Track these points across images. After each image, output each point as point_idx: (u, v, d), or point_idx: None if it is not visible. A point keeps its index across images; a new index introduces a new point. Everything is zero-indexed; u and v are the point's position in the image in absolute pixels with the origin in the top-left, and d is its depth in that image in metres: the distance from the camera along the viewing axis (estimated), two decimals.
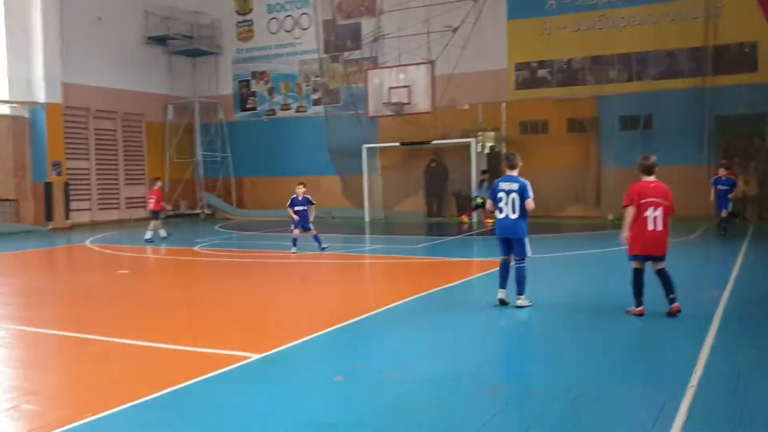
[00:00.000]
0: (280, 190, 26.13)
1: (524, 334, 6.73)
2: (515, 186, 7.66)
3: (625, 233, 7.22)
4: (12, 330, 7.48)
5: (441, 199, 23.29)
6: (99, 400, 4.92)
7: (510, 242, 7.78)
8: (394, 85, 21.11)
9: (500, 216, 7.73)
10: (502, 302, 7.78)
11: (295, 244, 13.85)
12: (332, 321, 7.22)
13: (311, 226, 14.16)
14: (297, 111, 26.03)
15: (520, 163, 7.89)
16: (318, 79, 25.38)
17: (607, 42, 20.65)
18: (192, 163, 26.99)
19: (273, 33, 26.23)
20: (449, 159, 23.05)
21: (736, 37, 19.39)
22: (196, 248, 15.40)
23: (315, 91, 25.60)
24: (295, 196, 14.11)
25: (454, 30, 21.83)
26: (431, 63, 21.07)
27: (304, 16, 25.49)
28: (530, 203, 7.66)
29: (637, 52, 20.57)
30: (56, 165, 21.48)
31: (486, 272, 11.42)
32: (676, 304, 7.07)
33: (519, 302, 7.69)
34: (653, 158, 7.38)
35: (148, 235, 16.89)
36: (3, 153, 20.82)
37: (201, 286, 10.91)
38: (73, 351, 6.61)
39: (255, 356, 5.95)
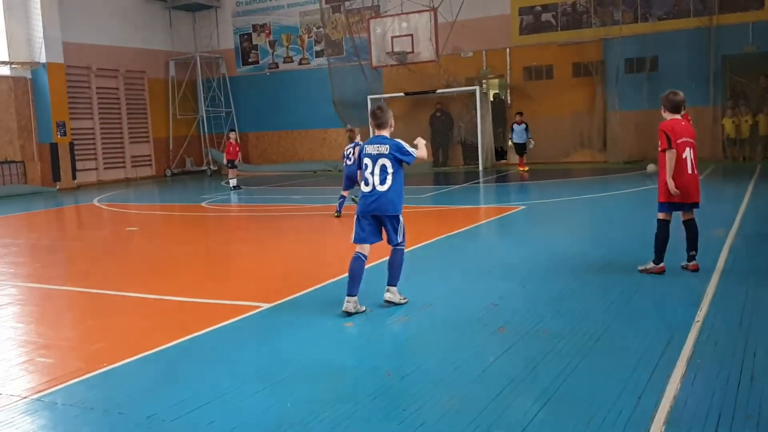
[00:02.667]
0: (285, 144, 26.12)
1: (529, 277, 6.77)
2: (384, 149, 5.80)
3: (671, 182, 6.25)
4: (22, 287, 7.58)
5: (446, 149, 23.19)
6: (112, 351, 5.01)
7: (380, 221, 5.85)
8: (397, 34, 20.82)
9: (366, 189, 5.82)
10: (349, 314, 5.62)
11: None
12: (341, 270, 7.27)
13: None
14: (300, 63, 25.77)
15: (391, 121, 6.03)
16: (320, 30, 25.04)
17: None
18: (196, 119, 26.89)
19: None
20: (454, 107, 22.88)
21: None
22: (203, 204, 15.46)
23: (317, 42, 25.29)
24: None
25: None
26: (434, 10, 20.71)
27: None
28: (421, 150, 5.98)
29: None
30: (60, 125, 21.45)
31: (492, 218, 11.48)
32: (695, 262, 6.49)
33: (388, 296, 5.89)
34: (682, 94, 6.51)
35: (233, 182, 18.21)
36: (6, 115, 20.78)
37: (209, 240, 11.00)
38: (85, 306, 6.72)
39: (266, 305, 6.03)
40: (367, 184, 5.84)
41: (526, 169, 19.25)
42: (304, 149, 25.82)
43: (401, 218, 5.95)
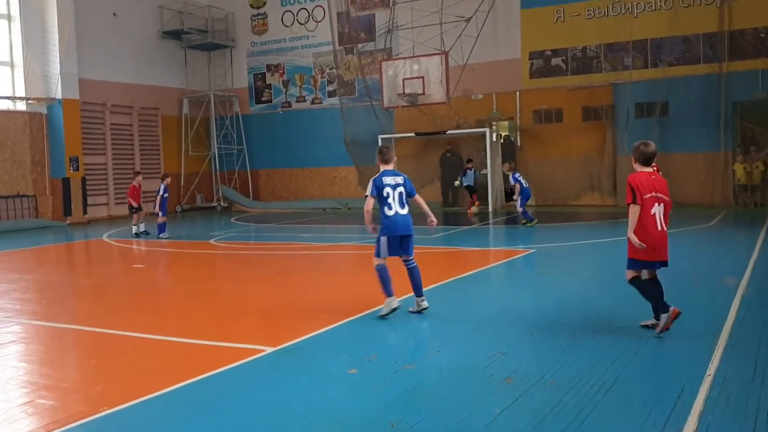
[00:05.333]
0: (295, 182, 26.26)
1: (536, 325, 6.69)
2: (400, 180, 7.16)
3: (634, 237, 5.94)
4: (27, 324, 7.56)
5: (456, 189, 23.20)
6: (114, 394, 4.96)
7: (403, 240, 7.15)
8: (409, 76, 21.05)
9: (390, 213, 7.04)
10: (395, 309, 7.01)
11: None
12: (347, 313, 7.24)
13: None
14: (312, 103, 26.04)
15: (395, 157, 7.41)
16: (333, 70, 25.36)
17: (622, 29, 20.44)
18: (208, 156, 27.11)
19: (287, 26, 26.23)
20: (464, 149, 22.97)
21: (751, 23, 19.14)
22: (212, 241, 15.48)
23: (330, 82, 25.59)
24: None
25: (468, 20, 21.69)
26: (445, 54, 20.97)
27: (318, 8, 25.45)
28: (419, 198, 7.37)
29: (652, 38, 20.35)
30: (74, 160, 21.66)
31: (502, 261, 11.41)
32: (669, 315, 6.04)
33: (425, 303, 7.16)
34: (653, 145, 6.20)
35: (140, 228, 16.83)
36: (20, 149, 21.01)
37: (216, 279, 10.97)
38: (89, 345, 6.68)
39: (270, 349, 5.97)
40: (390, 208, 7.01)
41: (478, 204, 19.86)
42: (314, 187, 25.94)
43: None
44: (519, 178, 16.49)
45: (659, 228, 6.01)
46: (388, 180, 7.10)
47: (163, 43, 25.80)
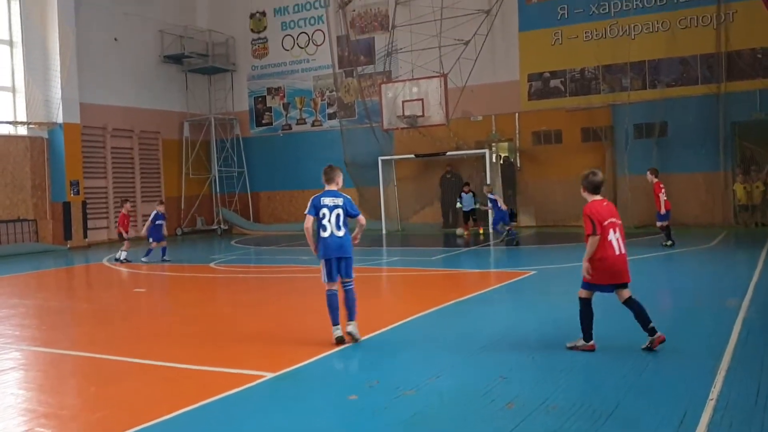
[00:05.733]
0: (296, 204, 26.26)
1: (538, 348, 6.66)
2: (340, 201, 6.97)
3: (587, 265, 6.28)
4: (26, 351, 7.53)
5: (456, 210, 23.20)
6: (113, 421, 4.93)
7: (340, 262, 6.95)
8: (408, 98, 21.16)
9: (324, 234, 6.88)
10: (342, 340, 6.85)
11: None
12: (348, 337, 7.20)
13: None
14: (312, 125, 26.15)
15: (339, 179, 7.14)
16: (333, 93, 25.51)
17: (620, 50, 20.57)
18: (208, 179, 27.17)
19: (287, 50, 26.43)
20: (464, 170, 23.02)
21: (748, 43, 19.27)
22: (212, 264, 15.46)
23: (330, 105, 25.72)
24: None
25: (466, 43, 21.88)
26: (444, 76, 21.11)
27: (318, 32, 25.66)
28: (362, 218, 7.16)
29: (650, 59, 20.49)
30: (74, 184, 21.71)
31: (503, 283, 11.38)
32: (658, 334, 6.21)
33: (351, 328, 6.96)
34: (601, 174, 6.49)
35: (124, 255, 16.48)
36: (21, 173, 21.06)
37: (216, 303, 10.95)
38: (89, 371, 6.65)
39: (270, 375, 5.94)
40: (325, 230, 6.86)
41: (467, 229, 19.65)
42: None
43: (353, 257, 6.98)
44: (495, 200, 17.37)
45: (618, 252, 6.24)
46: (326, 200, 6.96)
47: (164, 67, 25.98)
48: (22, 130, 21.23)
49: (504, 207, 17.49)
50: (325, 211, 6.89)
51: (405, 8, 23.31)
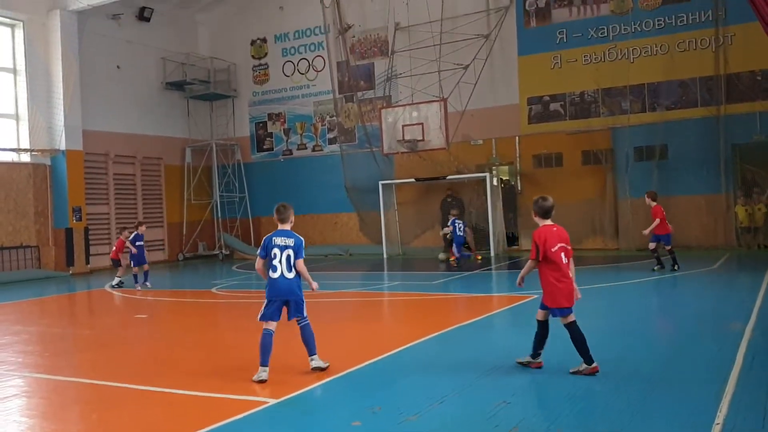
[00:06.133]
0: (297, 228, 26.06)
1: (541, 372, 6.63)
2: (290, 242, 6.81)
3: (520, 279, 6.58)
4: (29, 378, 7.50)
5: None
6: None
7: (288, 304, 6.86)
8: (408, 122, 21.27)
9: (274, 275, 6.75)
10: (263, 382, 6.56)
11: None
12: (350, 363, 7.18)
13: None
14: (313, 150, 26.27)
15: (292, 217, 7.00)
16: (333, 118, 25.66)
17: (619, 73, 20.71)
18: (210, 204, 27.24)
19: (288, 76, 26.63)
20: (465, 193, 23.07)
21: (747, 66, 19.38)
22: (213, 290, 15.44)
23: (330, 130, 25.86)
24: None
25: (465, 67, 22.05)
26: (444, 100, 21.24)
27: (318, 58, 25.88)
28: (300, 263, 6.82)
29: (649, 82, 20.62)
30: (77, 210, 21.78)
31: (505, 307, 11.35)
32: (594, 364, 6.30)
33: (315, 363, 6.87)
34: (551, 199, 6.65)
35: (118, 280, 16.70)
36: (24, 200, 21.14)
37: (218, 328, 10.92)
38: (91, 398, 6.61)
39: (272, 401, 5.91)
40: (275, 271, 6.74)
41: (453, 257, 19.21)
42: (315, 233, 25.96)
43: (303, 298, 6.90)
44: (456, 225, 18.32)
45: (571, 275, 6.47)
46: (277, 240, 6.82)
47: (166, 93, 26.18)
48: (25, 157, 21.34)
49: (461, 233, 18.43)
50: (276, 251, 6.77)
51: (404, 34, 23.53)
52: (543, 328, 6.63)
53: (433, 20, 22.30)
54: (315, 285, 7.03)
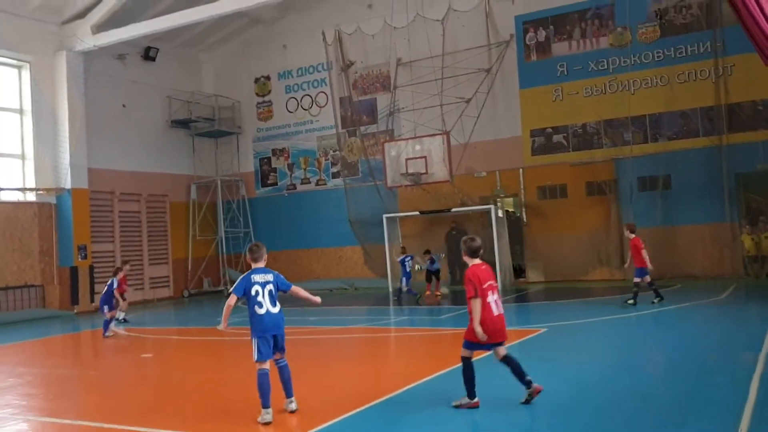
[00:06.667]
0: (301, 263, 26.26)
1: (552, 410, 6.55)
2: (270, 277, 6.97)
3: (479, 329, 6.59)
4: (33, 422, 7.44)
5: (463, 267, 23.11)
6: None
7: (276, 339, 6.94)
8: (411, 156, 21.34)
9: (260, 312, 6.85)
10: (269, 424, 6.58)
11: None
12: (355, 403, 7.11)
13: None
14: (317, 184, 26.37)
15: (265, 256, 7.13)
16: (336, 153, 25.80)
17: (620, 105, 20.83)
18: (215, 240, 27.27)
19: (291, 111, 26.87)
20: (469, 226, 23.05)
21: (748, 95, 19.48)
22: (218, 327, 15.31)
23: (334, 164, 25.99)
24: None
25: (468, 101, 22.21)
26: (446, 134, 21.35)
27: (321, 94, 26.13)
28: (295, 288, 7.14)
29: (651, 113, 20.73)
30: (82, 248, 21.80)
31: (514, 342, 11.22)
32: (535, 385, 6.64)
33: (293, 405, 6.94)
34: (479, 240, 6.95)
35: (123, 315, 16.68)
36: (29, 240, 21.17)
37: (224, 367, 10.84)
38: None
39: None
40: (261, 307, 6.84)
41: (438, 293, 19.36)
42: (320, 267, 25.94)
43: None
44: (404, 262, 18.59)
45: (496, 312, 6.69)
46: (257, 278, 6.93)
47: (172, 131, 26.39)
48: (31, 197, 21.43)
49: (409, 269, 18.59)
50: (257, 288, 6.87)
51: (406, 69, 23.77)
52: (467, 366, 6.80)
53: (435, 55, 22.53)
54: (317, 299, 7.32)
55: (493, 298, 6.70)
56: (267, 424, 6.51)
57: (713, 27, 19.75)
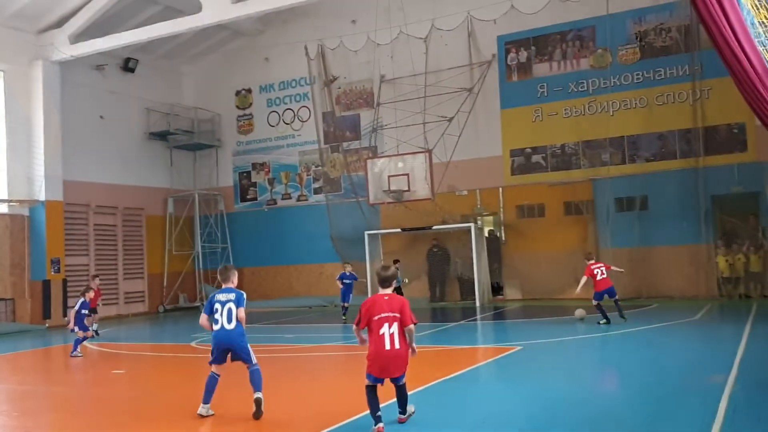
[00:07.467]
0: (281, 279, 26.08)
1: (526, 429, 6.49)
2: (232, 296, 7.60)
3: (364, 342, 6.63)
4: None
5: (444, 284, 23.15)
6: None
7: (233, 352, 7.63)
8: (393, 173, 21.35)
9: (216, 327, 7.58)
10: (201, 416, 7.54)
11: None
12: (335, 419, 7.01)
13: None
14: (298, 200, 26.25)
15: (234, 278, 7.81)
16: (318, 168, 25.72)
17: (599, 126, 21.01)
18: (191, 255, 26.99)
19: (273, 126, 26.78)
20: (450, 243, 23.07)
21: (724, 119, 19.74)
22: (193, 344, 15.14)
23: (316, 180, 25.89)
24: None
25: (450, 120, 22.29)
26: (428, 152, 21.40)
27: (304, 108, 26.08)
28: (241, 312, 7.54)
29: (629, 135, 20.92)
30: (55, 262, 21.45)
31: (490, 359, 11.22)
32: (402, 416, 6.70)
33: (258, 395, 7.48)
34: (392, 269, 6.88)
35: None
36: (0, 252, 20.76)
37: (196, 385, 10.60)
38: None
39: None
40: (216, 323, 7.53)
41: None
42: (300, 284, 25.76)
43: (249, 346, 7.62)
44: (343, 278, 18.61)
45: (388, 347, 6.39)
46: (220, 297, 7.61)
47: (149, 144, 26.16)
48: (3, 208, 21.04)
49: (340, 285, 18.62)
50: (217, 306, 7.57)
51: (389, 86, 23.82)
52: (369, 395, 6.49)
53: (418, 73, 22.64)
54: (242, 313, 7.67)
55: (388, 330, 6.39)
56: (200, 415, 7.46)
57: (692, 50, 20.02)
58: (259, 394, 7.44)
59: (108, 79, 24.51)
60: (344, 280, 18.65)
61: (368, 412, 6.47)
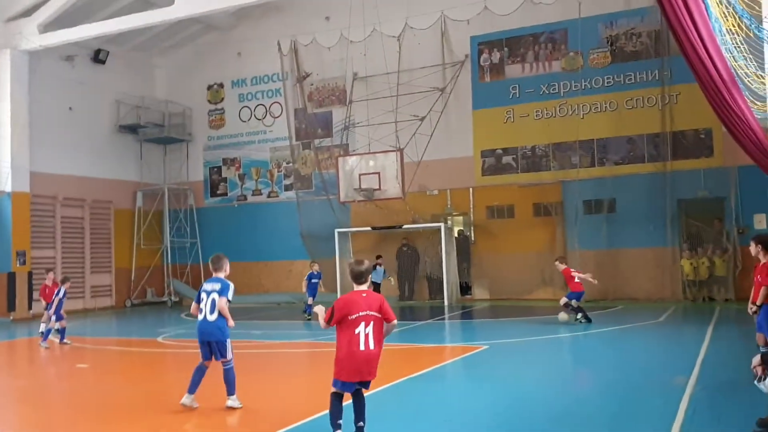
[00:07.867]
0: (249, 276, 25.87)
1: (491, 427, 6.57)
2: (217, 286, 7.47)
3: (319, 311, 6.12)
4: None
5: (413, 283, 23.22)
6: None
7: (210, 345, 7.51)
8: (365, 171, 21.37)
9: (199, 317, 7.50)
10: (183, 406, 7.53)
11: None
12: (303, 414, 7.02)
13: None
14: (268, 196, 26.12)
15: (225, 267, 7.68)
16: (290, 165, 25.62)
17: (569, 129, 21.23)
18: (160, 249, 26.72)
19: (244, 121, 26.60)
20: (420, 243, 23.15)
21: (691, 124, 20.07)
22: (159, 339, 15.02)
23: (287, 176, 25.78)
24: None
25: (422, 119, 22.36)
26: (400, 151, 21.45)
27: (276, 104, 25.95)
28: (222, 302, 7.39)
29: (598, 138, 21.19)
30: (21, 254, 21.10)
31: (457, 358, 11.30)
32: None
33: (230, 402, 7.52)
34: (366, 263, 6.17)
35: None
36: None
37: (162, 381, 10.56)
38: None
39: None
40: (201, 313, 7.43)
41: None
42: (269, 281, 25.63)
43: (227, 342, 7.50)
44: (311, 277, 18.55)
45: (363, 347, 5.85)
46: (206, 287, 7.55)
47: (119, 136, 25.84)
48: None
49: (307, 284, 18.53)
50: (203, 296, 7.49)
51: (362, 84, 23.82)
52: (333, 404, 6.05)
53: (391, 72, 22.65)
54: (231, 323, 7.60)
55: (364, 330, 5.84)
56: (183, 405, 7.39)
57: (661, 56, 20.33)
58: (230, 401, 7.45)
59: (78, 70, 24.13)
60: (312, 280, 18.56)
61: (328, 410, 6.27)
